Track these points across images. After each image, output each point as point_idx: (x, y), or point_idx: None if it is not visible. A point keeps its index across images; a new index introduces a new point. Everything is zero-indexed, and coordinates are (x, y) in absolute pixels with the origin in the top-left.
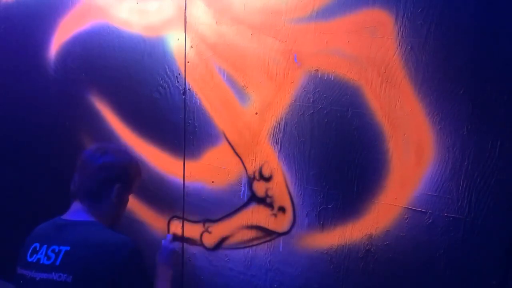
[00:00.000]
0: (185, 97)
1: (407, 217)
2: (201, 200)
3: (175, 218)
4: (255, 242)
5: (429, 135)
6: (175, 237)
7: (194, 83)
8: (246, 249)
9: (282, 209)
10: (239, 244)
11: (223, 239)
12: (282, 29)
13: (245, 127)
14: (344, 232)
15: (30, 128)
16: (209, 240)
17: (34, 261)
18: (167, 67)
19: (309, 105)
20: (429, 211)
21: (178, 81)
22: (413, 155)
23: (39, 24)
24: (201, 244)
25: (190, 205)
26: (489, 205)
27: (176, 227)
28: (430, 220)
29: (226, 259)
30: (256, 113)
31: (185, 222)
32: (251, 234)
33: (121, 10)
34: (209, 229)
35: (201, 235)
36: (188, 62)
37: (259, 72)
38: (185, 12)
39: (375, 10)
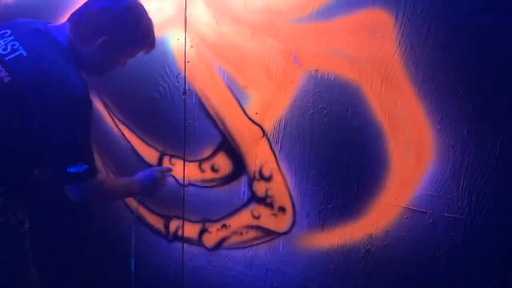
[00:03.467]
0: (185, 97)
1: (407, 217)
2: (201, 200)
3: (175, 218)
4: (255, 242)
5: (429, 135)
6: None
7: (194, 83)
8: (246, 249)
9: (282, 209)
10: (239, 244)
11: (223, 239)
12: (282, 29)
13: (245, 127)
14: (344, 232)
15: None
16: (209, 240)
17: None
18: (167, 67)
19: (309, 105)
20: (429, 211)
21: (178, 81)
22: (413, 155)
23: None
24: (201, 244)
25: (190, 205)
26: (489, 205)
27: (175, 227)
28: (430, 220)
29: (226, 259)
30: (256, 113)
31: (185, 222)
32: (251, 234)
33: None
34: (209, 229)
35: (201, 235)
36: (188, 62)
37: (259, 72)
38: (185, 12)
39: (375, 10)
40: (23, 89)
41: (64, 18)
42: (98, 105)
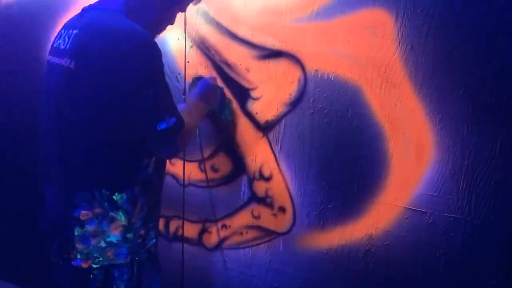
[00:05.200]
0: (185, 97)
1: (407, 217)
2: (201, 200)
3: (175, 218)
4: (255, 242)
5: (429, 135)
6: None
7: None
8: (246, 249)
9: (282, 209)
10: (239, 244)
11: (223, 239)
12: (282, 29)
13: (245, 127)
14: (344, 232)
15: (30, 128)
16: (209, 240)
17: (55, 46)
18: (167, 66)
19: (309, 105)
20: (429, 211)
21: (178, 81)
22: (413, 155)
23: (39, 24)
24: (201, 244)
25: (190, 205)
26: (489, 205)
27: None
28: (430, 220)
29: (226, 259)
30: (256, 113)
31: (185, 222)
32: (251, 234)
33: None
34: (209, 229)
35: (201, 235)
36: (188, 62)
37: (259, 72)
38: (185, 12)
39: (375, 10)
40: (86, 64)
41: (64, 18)
42: None
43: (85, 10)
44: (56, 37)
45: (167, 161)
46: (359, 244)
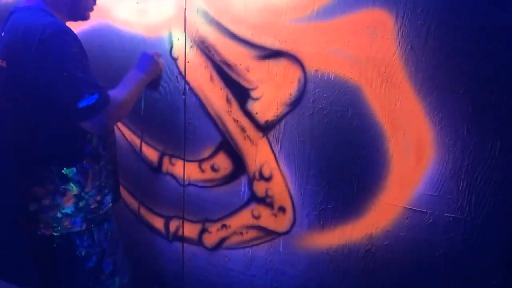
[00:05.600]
0: (185, 97)
1: (407, 217)
2: (201, 200)
3: (175, 218)
4: (255, 242)
5: (429, 135)
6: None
7: (194, 83)
8: (246, 249)
9: (282, 209)
10: (239, 244)
11: (223, 239)
12: (282, 29)
13: (245, 126)
14: (344, 232)
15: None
16: (209, 240)
17: None
18: (167, 67)
19: (309, 105)
20: (429, 211)
21: (178, 81)
22: (413, 155)
23: None
24: (201, 244)
25: (190, 205)
26: (489, 205)
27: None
28: (430, 220)
29: (226, 259)
30: (256, 113)
31: (185, 222)
32: (251, 234)
33: (122, 10)
34: (209, 229)
35: (201, 235)
36: (188, 62)
37: (259, 72)
38: (185, 12)
39: (375, 10)
40: (13, 61)
41: None
42: None
43: (10, 13)
44: None
45: (167, 161)
46: (359, 244)
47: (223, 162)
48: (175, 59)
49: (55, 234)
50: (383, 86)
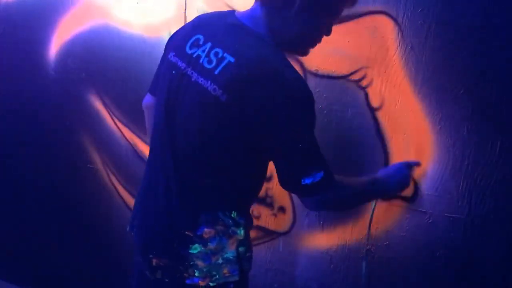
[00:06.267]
0: None
1: (407, 217)
2: None
3: None
4: (255, 242)
5: (429, 135)
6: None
7: None
8: None
9: (282, 209)
10: None
11: None
12: None
13: None
14: (344, 232)
15: (30, 128)
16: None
17: (194, 56)
18: None
19: None
20: (429, 211)
21: None
22: (413, 155)
23: (39, 24)
24: None
25: None
26: (489, 205)
27: None
28: (430, 220)
29: None
30: None
31: None
32: (251, 234)
33: (121, 10)
34: None
35: None
36: None
37: None
38: (185, 12)
39: (375, 10)
40: (241, 101)
41: (64, 19)
42: (98, 105)
43: (233, 27)
44: (186, 38)
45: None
46: (359, 244)
47: None
48: None
49: (212, 284)
50: (383, 86)
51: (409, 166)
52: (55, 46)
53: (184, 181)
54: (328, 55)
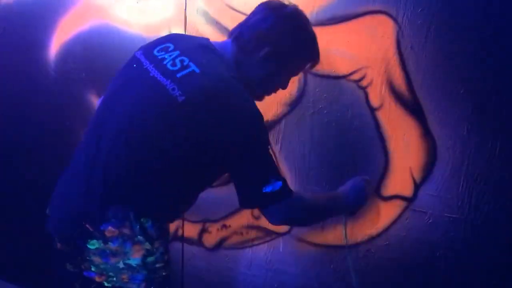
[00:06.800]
0: None
1: (407, 217)
2: (201, 200)
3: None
4: (255, 242)
5: (429, 135)
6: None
7: None
8: (246, 249)
9: None
10: (239, 244)
11: (223, 239)
12: None
13: None
14: (344, 232)
15: (30, 128)
16: (209, 240)
17: (159, 57)
18: None
19: (309, 105)
20: (429, 211)
21: None
22: (413, 155)
23: (39, 24)
24: (201, 244)
25: None
26: (489, 205)
27: (176, 227)
28: (430, 220)
29: (226, 259)
30: None
31: (185, 222)
32: (251, 234)
33: (121, 9)
34: (209, 229)
35: (201, 235)
36: None
37: None
38: (185, 12)
39: (375, 10)
40: (198, 109)
41: (64, 19)
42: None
43: (204, 45)
44: (159, 45)
45: None
46: (359, 244)
47: None
48: None
49: (106, 284)
50: (383, 86)
51: (364, 180)
52: (55, 46)
53: (107, 172)
54: (328, 55)
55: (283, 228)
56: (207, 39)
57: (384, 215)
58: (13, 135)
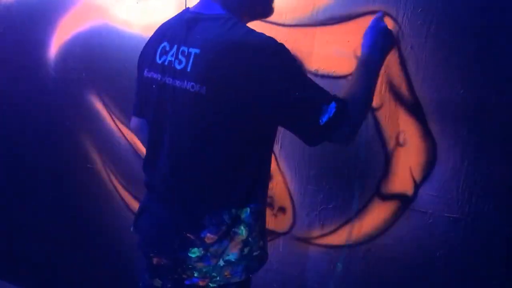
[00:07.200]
0: None
1: (407, 217)
2: None
3: None
4: None
5: (429, 135)
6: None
7: None
8: None
9: (282, 209)
10: None
11: None
12: (282, 29)
13: None
14: (344, 232)
15: (30, 128)
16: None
17: (165, 63)
18: None
19: None
20: (429, 211)
21: None
22: (413, 155)
23: (39, 24)
24: None
25: None
26: (489, 205)
27: None
28: (430, 220)
29: None
30: None
31: None
32: None
33: (121, 9)
34: None
35: None
36: None
37: None
38: None
39: (375, 10)
40: (221, 83)
41: (64, 19)
42: (98, 105)
43: (189, 21)
44: (154, 50)
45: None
46: (359, 244)
47: None
48: None
49: (212, 285)
50: (383, 86)
51: (379, 19)
52: (55, 46)
53: (183, 185)
54: (328, 55)
55: (283, 228)
56: (188, 9)
57: (384, 215)
58: (13, 135)
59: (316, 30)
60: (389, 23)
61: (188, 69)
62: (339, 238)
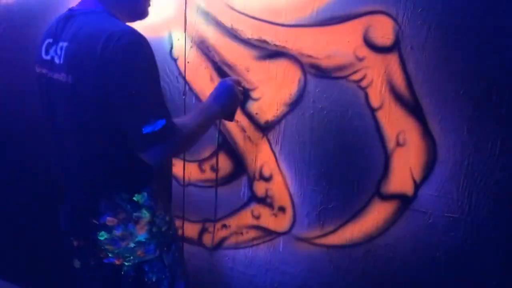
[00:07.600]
0: (185, 97)
1: (407, 217)
2: (201, 200)
3: (175, 218)
4: (255, 242)
5: (429, 135)
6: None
7: (194, 84)
8: (246, 249)
9: (282, 209)
10: (239, 244)
11: (223, 239)
12: (282, 29)
13: (245, 127)
14: (344, 232)
15: (30, 128)
16: (209, 240)
17: (50, 59)
18: (167, 67)
19: (309, 105)
20: (429, 211)
21: (178, 81)
22: (413, 155)
23: (39, 24)
24: (201, 244)
25: (190, 205)
26: (489, 205)
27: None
28: (431, 220)
29: (226, 259)
30: (256, 113)
31: (185, 222)
32: (251, 234)
33: None
34: (209, 229)
35: (201, 235)
36: (188, 62)
37: (259, 72)
38: (185, 12)
39: (375, 10)
40: (80, 72)
41: None
42: None
43: (67, 17)
44: (43, 47)
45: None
46: (359, 244)
47: (223, 162)
48: (175, 60)
49: (127, 264)
50: (383, 86)
51: (230, 80)
52: None
53: (77, 174)
54: (328, 55)
55: (283, 228)
56: (70, 8)
57: (384, 215)
58: (13, 135)
59: (316, 30)
60: (385, 25)
61: (62, 62)
62: (339, 238)
